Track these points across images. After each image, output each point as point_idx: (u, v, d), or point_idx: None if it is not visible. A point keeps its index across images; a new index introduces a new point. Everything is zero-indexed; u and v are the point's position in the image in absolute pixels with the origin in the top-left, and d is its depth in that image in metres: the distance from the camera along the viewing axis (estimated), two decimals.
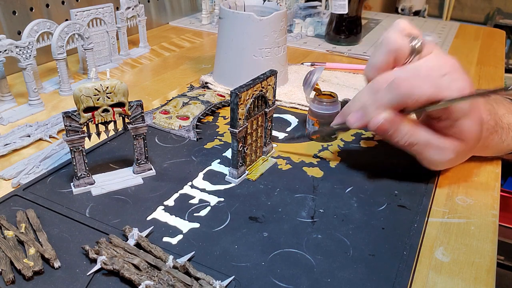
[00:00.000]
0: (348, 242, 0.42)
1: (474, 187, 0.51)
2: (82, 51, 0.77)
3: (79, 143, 0.45)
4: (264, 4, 0.75)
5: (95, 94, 0.44)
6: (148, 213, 0.45)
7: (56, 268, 0.37)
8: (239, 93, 0.45)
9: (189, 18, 1.21)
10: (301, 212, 0.46)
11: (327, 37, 1.03)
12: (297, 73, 0.81)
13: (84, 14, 0.76)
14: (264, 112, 0.52)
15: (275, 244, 0.41)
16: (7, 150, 0.55)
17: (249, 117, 0.49)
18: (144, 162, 0.50)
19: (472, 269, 0.40)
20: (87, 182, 0.47)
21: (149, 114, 0.63)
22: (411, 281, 0.38)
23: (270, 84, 0.51)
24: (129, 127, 0.48)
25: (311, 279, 0.38)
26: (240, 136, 0.48)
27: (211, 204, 0.46)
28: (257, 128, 0.52)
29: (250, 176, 0.51)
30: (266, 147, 0.55)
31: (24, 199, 0.46)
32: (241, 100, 0.46)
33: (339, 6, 0.96)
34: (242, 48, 0.70)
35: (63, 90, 0.71)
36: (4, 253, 0.38)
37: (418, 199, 0.48)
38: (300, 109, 0.68)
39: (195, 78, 0.80)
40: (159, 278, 0.36)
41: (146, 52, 0.93)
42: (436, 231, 0.44)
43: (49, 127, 0.60)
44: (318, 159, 0.55)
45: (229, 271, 0.38)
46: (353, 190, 0.49)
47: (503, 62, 0.96)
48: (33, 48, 0.64)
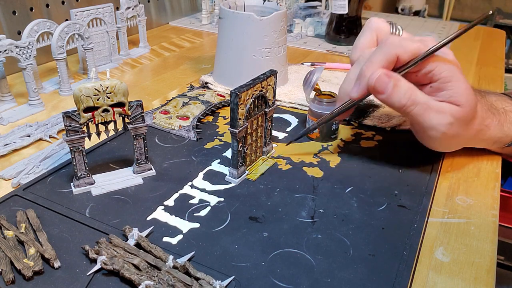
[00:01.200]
0: (348, 242, 0.42)
1: (474, 187, 0.51)
2: (82, 51, 0.77)
3: (79, 143, 0.45)
4: (264, 4, 0.75)
5: (95, 94, 0.44)
6: (148, 213, 0.45)
7: (56, 268, 0.37)
8: (239, 93, 0.45)
9: (189, 18, 1.21)
10: (301, 212, 0.46)
11: (327, 37, 1.03)
12: (297, 73, 0.81)
13: (84, 14, 0.76)
14: (264, 112, 0.52)
15: (275, 244, 0.41)
16: (7, 150, 0.55)
17: (249, 117, 0.49)
18: (144, 162, 0.50)
19: (472, 269, 0.40)
20: (87, 182, 0.47)
21: (149, 114, 0.63)
22: (411, 281, 0.38)
23: (270, 84, 0.51)
24: (129, 127, 0.48)
25: (311, 279, 0.38)
26: (240, 136, 0.48)
27: (211, 204, 0.46)
28: (257, 128, 0.52)
29: (250, 176, 0.51)
30: (266, 147, 0.55)
31: (24, 199, 0.46)
32: (241, 100, 0.46)
33: (339, 6, 0.96)
34: (242, 48, 0.70)
35: (63, 90, 0.71)
36: (4, 253, 0.38)
37: (418, 199, 0.48)
38: (300, 109, 0.68)
39: (195, 78, 0.80)
40: (159, 278, 0.36)
41: (146, 52, 0.93)
42: (436, 231, 0.44)
43: (49, 127, 0.60)
44: (318, 159, 0.55)
45: (229, 271, 0.38)
46: (353, 190, 0.49)
47: (503, 62, 0.96)
48: (33, 48, 0.64)
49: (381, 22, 0.53)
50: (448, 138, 0.49)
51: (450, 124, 0.47)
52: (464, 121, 0.47)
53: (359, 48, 0.52)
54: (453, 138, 0.49)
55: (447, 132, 0.48)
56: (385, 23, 0.53)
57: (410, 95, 0.46)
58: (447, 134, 0.48)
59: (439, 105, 0.47)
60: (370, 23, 0.53)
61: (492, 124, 0.51)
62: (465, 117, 0.47)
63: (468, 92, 0.46)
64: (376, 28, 0.52)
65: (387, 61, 0.46)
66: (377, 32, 0.52)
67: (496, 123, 0.51)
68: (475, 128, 0.49)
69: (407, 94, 0.46)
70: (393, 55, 0.46)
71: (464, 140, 0.51)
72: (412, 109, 0.46)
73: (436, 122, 0.47)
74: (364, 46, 0.52)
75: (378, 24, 0.53)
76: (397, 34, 0.52)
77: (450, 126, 0.47)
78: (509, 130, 0.52)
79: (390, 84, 0.45)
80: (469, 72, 0.88)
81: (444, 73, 0.46)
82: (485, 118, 0.50)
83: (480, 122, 0.49)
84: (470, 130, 0.49)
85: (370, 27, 0.53)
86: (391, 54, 0.46)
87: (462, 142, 0.52)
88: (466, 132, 0.49)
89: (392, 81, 0.45)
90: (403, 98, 0.46)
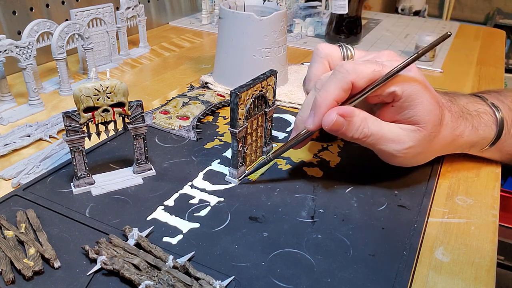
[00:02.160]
0: (348, 242, 0.42)
1: (474, 187, 0.51)
2: (82, 51, 0.77)
3: (79, 143, 0.45)
4: (264, 4, 0.75)
5: (95, 94, 0.44)
6: (148, 213, 0.45)
7: (56, 268, 0.37)
8: (239, 93, 0.45)
9: (189, 18, 1.21)
10: (301, 212, 0.46)
11: (327, 37, 1.03)
12: (297, 73, 0.81)
13: (84, 14, 0.76)
14: (264, 112, 0.52)
15: (275, 244, 0.41)
16: (7, 150, 0.55)
17: (249, 117, 0.49)
18: (144, 162, 0.50)
19: (472, 269, 0.40)
20: (87, 182, 0.47)
21: (149, 114, 0.64)
22: (411, 281, 0.38)
23: (270, 84, 0.51)
24: (129, 127, 0.48)
25: (311, 279, 0.38)
26: (240, 136, 0.48)
27: (211, 204, 0.46)
28: (257, 128, 0.52)
29: (250, 176, 0.51)
30: (266, 147, 0.55)
31: (24, 199, 0.46)
32: (241, 100, 0.46)
33: (339, 6, 0.96)
34: (242, 48, 0.70)
35: (63, 90, 0.71)
36: (4, 253, 0.38)
37: (418, 199, 0.48)
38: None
39: (195, 78, 0.80)
40: (159, 278, 0.36)
41: (146, 52, 0.93)
42: (436, 231, 0.44)
43: (49, 127, 0.60)
44: (318, 159, 0.55)
45: (229, 271, 0.38)
46: (353, 190, 0.49)
47: (503, 62, 0.96)
48: (33, 48, 0.64)
49: (330, 47, 0.51)
50: (410, 158, 0.48)
51: (409, 148, 0.46)
52: (425, 141, 0.46)
53: (312, 79, 0.50)
54: (417, 156, 0.48)
55: (406, 156, 0.47)
56: (334, 48, 0.51)
57: (363, 129, 0.45)
58: (407, 156, 0.47)
59: (395, 132, 0.45)
60: (318, 51, 0.51)
61: (465, 131, 0.49)
62: (425, 138, 0.46)
63: (432, 111, 0.44)
64: (326, 55, 0.50)
65: (342, 90, 0.44)
66: (328, 59, 0.50)
67: (470, 128, 0.49)
68: (444, 140, 0.48)
69: (360, 128, 0.44)
70: (347, 83, 0.44)
71: (432, 153, 0.50)
72: (365, 140, 0.45)
73: (393, 149, 0.46)
74: (317, 76, 0.50)
75: (327, 50, 0.51)
76: (349, 55, 0.51)
77: (408, 150, 0.46)
78: (484, 133, 0.50)
79: (345, 123, 0.44)
80: (469, 72, 0.88)
81: (405, 92, 0.44)
82: (456, 128, 0.48)
83: (451, 132, 0.48)
84: (435, 145, 0.48)
85: (319, 55, 0.51)
86: (346, 82, 0.44)
87: (430, 155, 0.50)
88: (431, 147, 0.48)
89: (346, 120, 0.44)
90: (356, 133, 0.45)
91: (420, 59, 0.45)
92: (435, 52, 0.92)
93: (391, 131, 0.45)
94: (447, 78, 0.85)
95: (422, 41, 0.90)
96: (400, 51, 0.98)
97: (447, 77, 0.86)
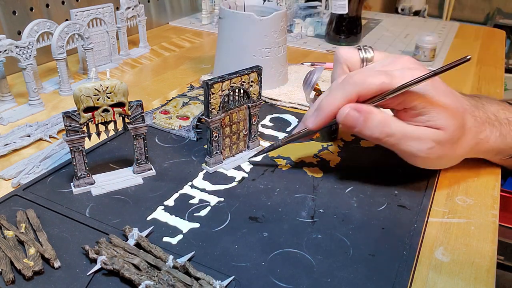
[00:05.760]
0: (348, 242, 0.42)
1: (474, 187, 0.51)
2: (82, 51, 0.77)
3: (79, 143, 0.45)
4: (264, 4, 0.75)
5: (95, 94, 0.44)
6: (148, 213, 0.45)
7: (56, 268, 0.37)
8: (210, 83, 0.46)
9: (189, 18, 1.21)
10: (301, 212, 0.46)
11: (327, 37, 1.03)
12: (297, 73, 0.81)
13: (84, 14, 0.76)
14: (248, 106, 0.52)
15: (275, 244, 0.41)
16: (7, 150, 0.55)
17: (226, 109, 0.50)
18: (144, 162, 0.50)
19: (472, 269, 0.40)
20: (87, 182, 0.47)
21: (149, 114, 0.64)
22: (411, 281, 0.38)
23: (253, 80, 0.51)
24: (129, 127, 0.48)
25: (311, 279, 0.38)
26: (214, 126, 0.49)
27: (211, 204, 0.46)
28: (238, 121, 0.52)
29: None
30: (252, 142, 0.55)
31: (24, 199, 0.46)
32: (214, 90, 0.47)
33: (339, 6, 0.96)
34: (242, 48, 0.70)
35: (63, 90, 0.71)
36: (4, 253, 0.38)
37: (418, 199, 0.48)
38: (300, 109, 0.68)
39: (195, 78, 0.80)
40: (159, 278, 0.36)
41: (146, 52, 0.93)
42: (436, 231, 0.44)
43: (49, 127, 0.60)
44: (318, 159, 0.55)
45: (229, 271, 0.38)
46: (353, 190, 0.49)
47: (503, 62, 0.96)
48: (33, 48, 0.64)
49: (348, 51, 0.51)
50: (433, 160, 0.47)
51: (431, 149, 0.45)
52: (447, 142, 0.45)
53: None
54: (439, 159, 0.47)
55: (429, 156, 0.46)
56: (352, 51, 0.51)
57: (383, 128, 0.44)
58: (430, 157, 0.46)
59: (416, 131, 0.45)
60: (337, 56, 0.52)
61: (491, 136, 0.48)
62: (448, 139, 0.45)
63: (450, 113, 0.44)
64: (345, 60, 0.51)
65: (347, 100, 0.45)
66: (347, 63, 0.51)
67: (497, 135, 0.49)
68: (467, 144, 0.47)
69: (379, 127, 0.44)
70: (352, 95, 0.44)
71: (455, 157, 0.49)
72: (387, 140, 0.45)
73: (416, 149, 0.45)
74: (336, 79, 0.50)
75: (345, 56, 0.51)
76: (369, 57, 0.51)
77: (431, 151, 0.45)
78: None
79: (361, 119, 0.44)
80: (469, 72, 0.88)
81: (418, 99, 0.44)
82: (480, 132, 0.48)
83: (474, 136, 0.47)
84: (459, 149, 0.47)
85: (338, 60, 0.51)
86: (351, 94, 0.44)
87: (454, 159, 0.50)
88: (454, 151, 0.47)
89: (362, 116, 0.44)
90: (375, 131, 0.44)
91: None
92: (435, 52, 0.92)
93: (413, 131, 0.45)
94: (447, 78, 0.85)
95: (422, 41, 0.90)
96: (400, 51, 0.98)
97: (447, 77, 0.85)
